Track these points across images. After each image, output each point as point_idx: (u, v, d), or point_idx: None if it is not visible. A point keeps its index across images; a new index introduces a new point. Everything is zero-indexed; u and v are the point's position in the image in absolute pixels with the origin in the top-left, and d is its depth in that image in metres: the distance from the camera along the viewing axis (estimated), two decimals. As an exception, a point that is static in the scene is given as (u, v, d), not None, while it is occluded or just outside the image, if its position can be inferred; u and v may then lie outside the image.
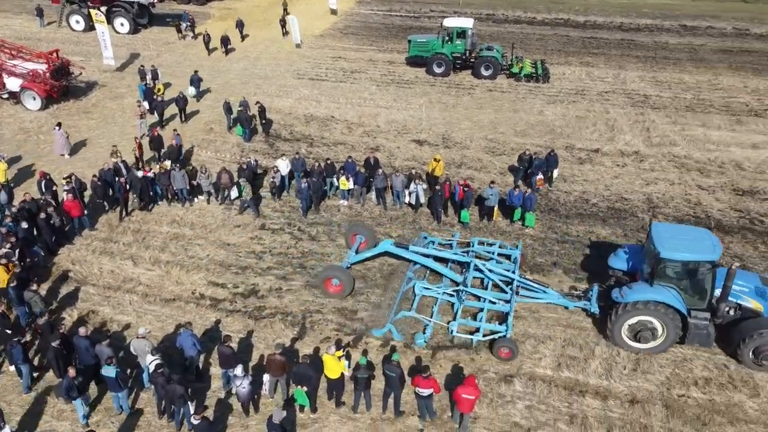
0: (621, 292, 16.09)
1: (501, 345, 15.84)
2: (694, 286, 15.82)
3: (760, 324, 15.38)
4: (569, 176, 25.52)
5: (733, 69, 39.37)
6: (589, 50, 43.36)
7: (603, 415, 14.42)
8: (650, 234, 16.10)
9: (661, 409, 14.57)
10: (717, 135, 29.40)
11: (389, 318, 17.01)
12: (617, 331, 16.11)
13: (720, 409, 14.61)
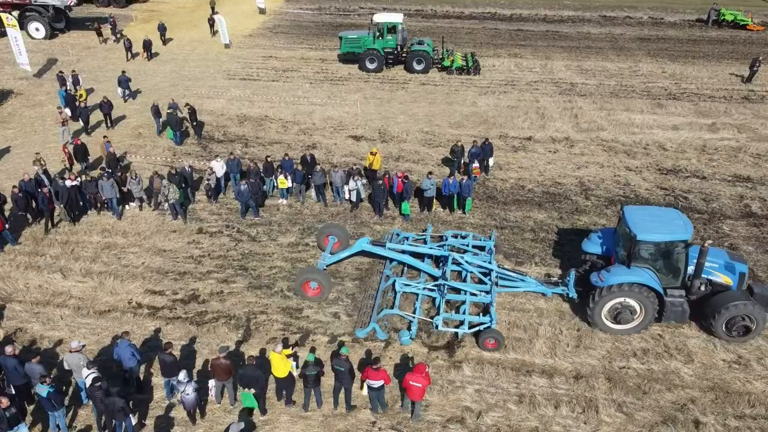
0: (600, 276, 16.22)
1: (487, 336, 15.80)
2: (668, 265, 16.17)
3: (731, 297, 15.84)
4: (504, 164, 26.04)
5: (651, 56, 41.28)
6: (516, 42, 44.45)
7: (550, 392, 14.74)
8: (624, 217, 16.33)
9: (604, 381, 15.03)
10: (640, 118, 30.70)
11: (372, 317, 16.67)
12: (597, 314, 16.28)
13: (658, 377, 15.21)
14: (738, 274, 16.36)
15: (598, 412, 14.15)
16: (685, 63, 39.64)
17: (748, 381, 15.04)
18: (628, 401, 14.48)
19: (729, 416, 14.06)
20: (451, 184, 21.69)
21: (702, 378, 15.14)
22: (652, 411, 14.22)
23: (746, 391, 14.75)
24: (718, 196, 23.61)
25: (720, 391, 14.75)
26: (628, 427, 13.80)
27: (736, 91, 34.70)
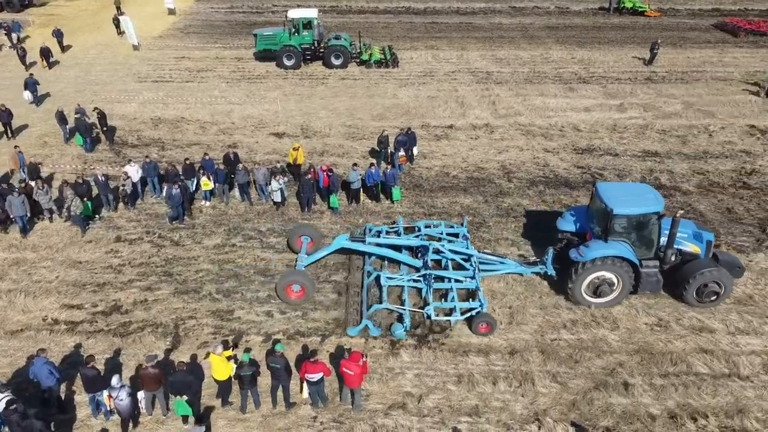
0: (579, 251, 16.43)
1: (479, 320, 15.81)
2: (642, 237, 16.60)
3: (701, 265, 16.51)
4: (428, 153, 26.28)
5: (560, 43, 42.87)
6: (432, 35, 45.02)
7: (487, 370, 14.96)
8: (597, 194, 16.75)
9: (537, 355, 15.41)
10: (554, 102, 31.82)
11: (363, 314, 16.25)
12: (578, 290, 16.61)
13: (588, 345, 15.75)
14: (705, 243, 17.07)
15: (534, 384, 14.49)
16: (591, 49, 41.41)
17: (669, 341, 15.82)
18: (562, 371, 14.91)
19: (654, 375, 14.74)
20: (374, 174, 21.65)
21: (628, 342, 15.80)
22: (584, 378, 14.71)
23: (668, 350, 15.52)
24: (630, 171, 24.78)
25: (645, 353, 15.45)
26: (563, 396, 14.20)
27: (640, 73, 36.59)
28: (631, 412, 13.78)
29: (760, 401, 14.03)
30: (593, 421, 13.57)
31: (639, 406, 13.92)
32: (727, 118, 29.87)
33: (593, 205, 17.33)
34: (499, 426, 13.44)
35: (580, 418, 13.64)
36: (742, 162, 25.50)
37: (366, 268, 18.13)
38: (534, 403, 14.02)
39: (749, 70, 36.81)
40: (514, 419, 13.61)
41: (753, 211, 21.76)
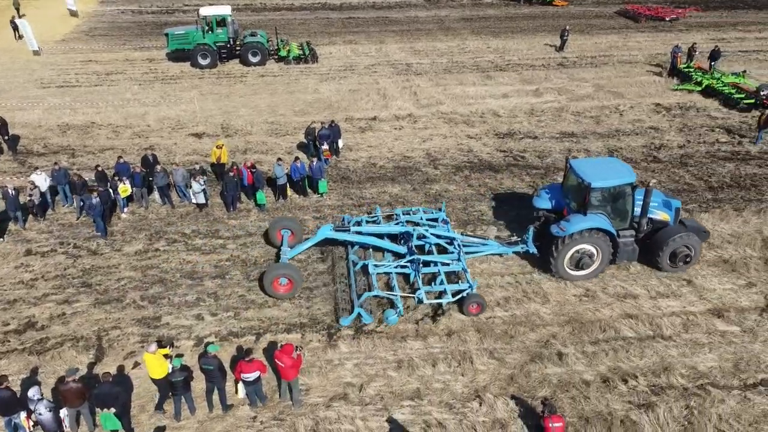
0: (560, 226, 16.69)
1: (470, 301, 15.87)
2: (618, 208, 17.07)
3: (672, 231, 17.24)
4: (354, 145, 26.13)
5: (476, 34, 43.81)
6: (349, 29, 44.93)
7: (426, 353, 14.97)
8: (572, 170, 17.09)
9: (474, 334, 15.56)
10: (473, 90, 32.42)
11: (355, 303, 15.99)
12: (561, 264, 16.97)
13: (521, 320, 16.07)
14: (674, 210, 17.73)
15: (473, 362, 14.62)
16: (505, 38, 42.54)
17: (597, 310, 16.39)
18: (498, 347, 15.13)
19: (586, 343, 15.22)
20: (299, 168, 21.29)
21: (559, 314, 16.25)
22: (520, 352, 14.99)
23: (596, 318, 16.07)
24: (550, 152, 25.57)
25: (575, 323, 15.93)
26: (501, 371, 14.42)
27: (552, 59, 37.90)
28: (566, 380, 14.16)
29: (683, 358, 14.75)
30: (531, 392, 13.84)
31: (573, 374, 14.32)
32: (635, 97, 31.40)
33: (568, 181, 17.71)
34: (441, 407, 13.47)
35: (519, 390, 13.87)
36: (651, 138, 26.86)
37: (350, 257, 17.89)
38: (474, 381, 14.15)
39: (651, 53, 38.90)
40: (456, 398, 13.68)
41: (664, 183, 22.93)
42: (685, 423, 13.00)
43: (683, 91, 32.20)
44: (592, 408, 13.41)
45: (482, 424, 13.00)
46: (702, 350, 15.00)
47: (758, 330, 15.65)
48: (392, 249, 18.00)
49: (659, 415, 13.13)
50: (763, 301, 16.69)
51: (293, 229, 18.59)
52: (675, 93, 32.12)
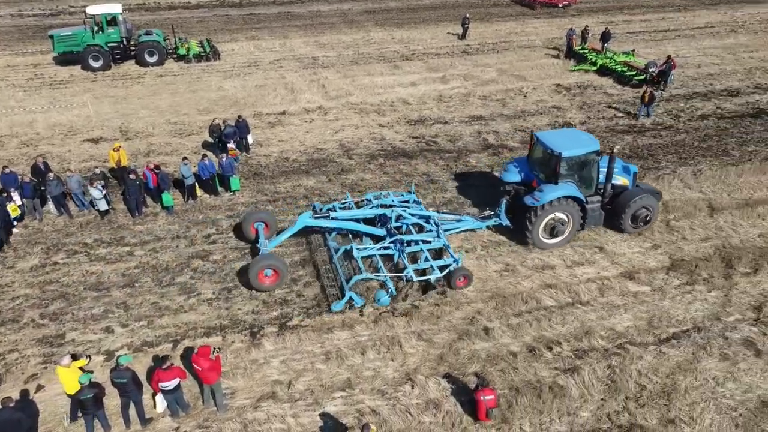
0: (534, 196, 17.07)
1: (457, 275, 16.07)
2: (585, 175, 17.63)
3: (632, 194, 18.00)
4: (264, 140, 25.37)
5: (380, 25, 43.88)
6: (251, 26, 43.78)
7: (354, 342, 14.64)
8: (540, 142, 17.56)
9: (401, 318, 15.39)
10: (381, 80, 32.38)
11: (345, 287, 15.73)
12: (536, 233, 17.43)
13: (447, 300, 16.02)
14: (632, 174, 18.53)
15: (401, 346, 14.44)
16: (409, 29, 42.89)
17: (518, 283, 16.66)
18: (426, 329, 15.04)
19: (510, 316, 15.43)
20: (208, 166, 20.36)
21: (482, 291, 16.38)
22: (448, 331, 14.97)
23: (518, 291, 16.34)
24: (461, 135, 25.91)
25: (498, 297, 16.12)
26: (430, 352, 14.33)
27: (456, 47, 38.57)
28: (494, 353, 14.27)
29: (602, 321, 15.27)
30: (462, 369, 13.84)
31: (501, 347, 14.46)
32: (537, 79, 32.47)
33: (535, 153, 18.17)
34: (373, 394, 13.19)
35: (450, 369, 13.84)
36: (555, 116, 27.83)
37: (330, 244, 17.66)
38: (404, 365, 13.98)
39: (548, 37, 40.44)
40: (388, 384, 13.45)
41: (570, 158, 23.76)
42: (609, 382, 13.42)
43: (580, 72, 33.65)
44: (521, 378, 13.58)
45: (416, 406, 12.85)
46: (618, 312, 15.59)
47: (666, 288, 16.46)
48: (372, 232, 17.74)
49: (584, 378, 13.48)
50: (668, 261, 17.59)
51: (267, 221, 17.95)
52: (573, 73, 33.49)
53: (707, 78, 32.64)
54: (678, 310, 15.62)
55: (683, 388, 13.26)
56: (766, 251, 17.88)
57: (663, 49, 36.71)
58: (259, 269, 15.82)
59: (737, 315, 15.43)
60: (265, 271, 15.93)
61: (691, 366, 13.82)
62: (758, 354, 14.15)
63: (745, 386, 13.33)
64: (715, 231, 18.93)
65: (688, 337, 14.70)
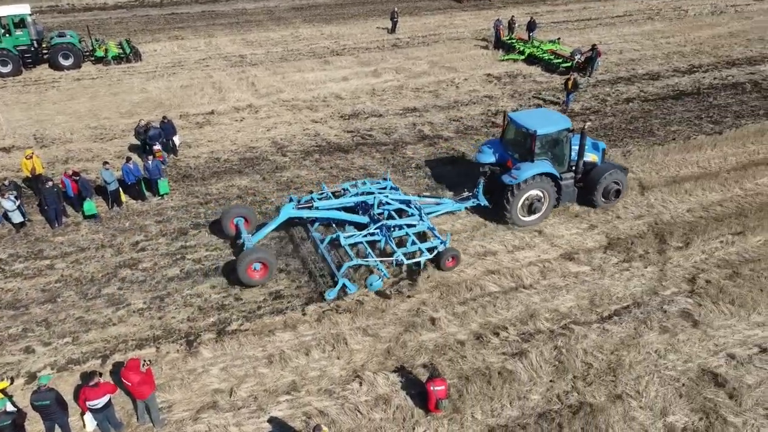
0: (512, 175, 17.37)
1: (446, 255, 16.15)
2: (558, 153, 18.08)
3: (602, 170, 18.65)
4: (193, 141, 24.31)
5: (308, 22, 43.17)
6: (173, 26, 42.20)
7: (297, 342, 14.06)
8: (514, 122, 18.00)
9: (344, 315, 14.92)
10: (313, 76, 31.76)
11: (337, 275, 15.55)
12: (515, 211, 17.74)
13: (391, 293, 15.71)
14: (601, 151, 19.16)
15: (347, 343, 13.98)
16: (338, 24, 42.39)
17: (461, 271, 16.49)
18: (371, 323, 14.64)
19: (455, 305, 15.24)
20: (133, 170, 19.25)
21: (425, 282, 16.11)
22: (394, 324, 14.62)
23: (462, 279, 16.18)
24: (396, 128, 25.65)
25: (443, 287, 15.90)
26: (377, 347, 13.94)
27: (386, 41, 38.36)
28: (442, 343, 14.02)
29: (545, 303, 15.30)
30: (410, 362, 13.52)
31: (448, 336, 14.24)
32: (468, 70, 32.65)
33: (509, 134, 18.60)
34: (320, 394, 12.68)
35: (398, 362, 13.49)
36: (488, 105, 28.01)
37: (314, 235, 17.40)
38: (351, 362, 13.53)
39: (476, 29, 40.85)
40: (335, 383, 12.96)
41: (505, 145, 23.93)
42: (556, 363, 13.41)
43: (509, 61, 34.10)
44: (470, 366, 13.39)
45: (365, 403, 12.42)
46: (560, 293, 15.67)
47: (605, 266, 16.70)
48: (355, 220, 17.56)
49: (532, 361, 13.42)
50: (605, 240, 17.88)
51: (246, 215, 17.52)
52: (502, 63, 33.89)
53: (629, 63, 33.74)
54: (618, 288, 15.85)
55: (628, 363, 13.41)
56: (695, 225, 18.46)
57: (587, 37, 37.74)
58: (247, 264, 15.35)
59: (673, 288, 15.81)
60: (253, 265, 15.47)
61: (634, 341, 14.01)
62: (695, 324, 14.51)
63: (686, 356, 13.62)
64: (647, 209, 19.41)
65: (628, 313, 14.92)
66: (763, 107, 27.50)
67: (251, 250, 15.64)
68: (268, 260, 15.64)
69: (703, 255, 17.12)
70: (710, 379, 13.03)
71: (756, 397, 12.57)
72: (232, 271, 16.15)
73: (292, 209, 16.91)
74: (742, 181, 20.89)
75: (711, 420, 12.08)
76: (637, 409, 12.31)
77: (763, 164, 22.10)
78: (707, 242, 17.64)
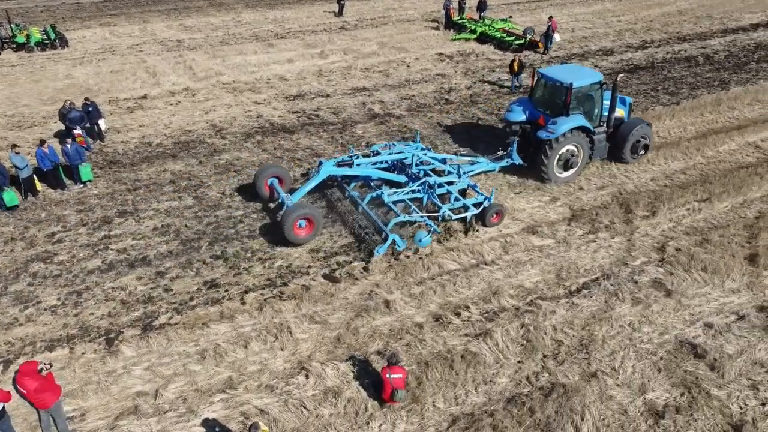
0: (548, 130, 16.97)
1: (491, 211, 15.72)
2: (591, 107, 17.80)
3: (631, 125, 18.42)
4: (122, 126, 22.24)
5: (251, 7, 41.23)
6: (106, 12, 39.70)
7: (235, 335, 12.42)
8: (547, 77, 17.77)
9: (289, 302, 13.35)
10: (255, 59, 29.94)
11: (385, 230, 14.91)
12: (551, 167, 17.45)
13: (343, 277, 14.24)
14: (628, 106, 18.96)
15: (291, 333, 12.39)
16: (283, 8, 40.61)
17: (416, 256, 15.08)
18: (319, 310, 13.10)
19: (411, 285, 13.83)
20: (48, 154, 17.18)
21: (378, 262, 14.66)
22: (344, 309, 13.12)
23: (417, 258, 14.79)
24: (344, 107, 24.13)
25: (397, 267, 14.49)
26: (325, 335, 12.41)
27: (333, 23, 36.81)
28: (398, 327, 12.60)
29: (509, 279, 14.05)
30: (363, 349, 12.04)
31: (404, 319, 12.82)
32: (419, 50, 31.37)
33: (540, 90, 18.26)
34: (260, 391, 11.06)
35: (349, 350, 12.00)
36: (440, 84, 26.77)
37: (352, 194, 16.80)
38: (296, 353, 11.96)
39: (426, 11, 39.71)
40: (277, 377, 11.37)
41: (458, 121, 22.73)
42: (524, 342, 12.15)
43: (461, 41, 32.99)
44: (430, 350, 12.00)
45: (312, 398, 10.88)
46: (525, 267, 14.46)
47: (570, 239, 15.59)
48: (394, 179, 16.92)
49: (498, 341, 12.13)
50: (568, 212, 16.80)
51: (280, 174, 16.80)
52: (454, 43, 32.76)
53: (582, 41, 33.08)
54: (585, 260, 14.75)
55: (600, 338, 12.26)
56: (659, 194, 17.58)
57: (538, 17, 37.02)
58: (293, 221, 14.65)
59: (643, 258, 14.81)
60: (298, 222, 14.82)
61: (606, 314, 12.89)
62: (668, 294, 13.50)
63: (661, 328, 12.57)
64: (610, 179, 18.46)
65: (598, 285, 13.81)
66: (716, 78, 27.12)
67: (296, 206, 14.82)
68: (314, 215, 15.00)
69: (670, 223, 16.20)
70: (689, 350, 11.99)
71: (738, 367, 11.58)
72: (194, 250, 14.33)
73: (332, 166, 16.26)
74: (703, 149, 20.18)
75: (693, 394, 11.02)
76: (614, 388, 11.15)
77: (722, 132, 21.50)
78: (674, 210, 16.76)
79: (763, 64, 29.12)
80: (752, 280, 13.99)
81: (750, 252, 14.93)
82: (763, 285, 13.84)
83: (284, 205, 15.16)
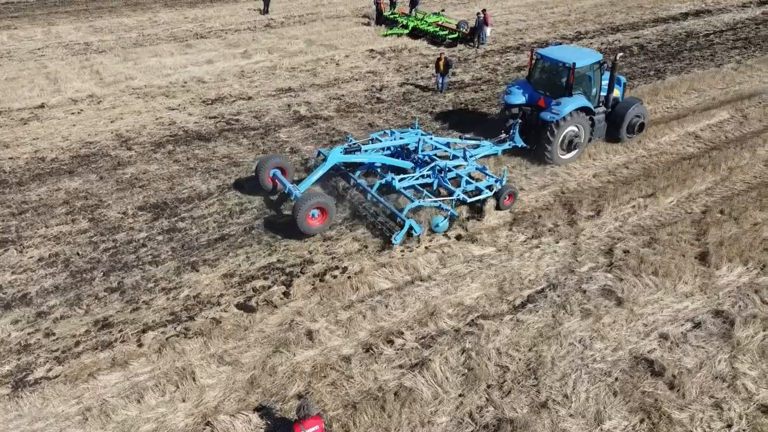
0: (552, 111, 16.73)
1: (504, 193, 15.40)
2: (590, 87, 17.58)
3: (627, 104, 18.46)
4: (12, 140, 19.70)
5: (169, 6, 38.60)
6: (5, 15, 36.24)
7: (127, 385, 10.43)
8: (548, 58, 17.47)
9: (193, 341, 11.46)
10: (171, 61, 27.60)
11: (401, 216, 14.31)
12: (555, 148, 17.18)
13: (253, 305, 12.44)
14: (622, 86, 18.97)
15: (195, 378, 10.54)
16: (204, 7, 38.13)
17: (344, 275, 13.46)
18: (231, 348, 11.28)
19: (338, 310, 12.19)
20: None
21: (299, 286, 12.94)
22: (260, 345, 11.35)
23: (344, 278, 13.17)
24: (268, 110, 22.25)
25: (322, 289, 12.83)
26: (236, 378, 10.61)
27: (258, 21, 34.72)
28: (322, 363, 10.92)
29: (447, 296, 12.61)
30: (281, 393, 10.32)
31: (330, 353, 11.16)
32: (349, 47, 29.71)
33: (540, 71, 17.92)
34: (154, 457, 9.20)
35: (265, 395, 10.25)
36: (371, 81, 25.22)
37: (360, 183, 16.07)
38: (200, 404, 10.11)
39: (356, 6, 38.04)
40: (177, 437, 9.53)
41: (391, 121, 21.26)
42: (465, 371, 10.70)
43: (393, 36, 31.51)
44: (358, 389, 10.38)
45: (217, 462, 9.09)
46: (464, 282, 13.05)
47: (512, 246, 14.30)
48: (401, 165, 16.45)
49: (436, 372, 10.63)
50: (509, 216, 15.52)
51: (282, 165, 15.97)
52: (386, 39, 31.25)
53: (516, 33, 32.20)
54: (529, 269, 13.47)
55: (549, 359, 10.95)
56: (603, 191, 16.56)
57: (470, 11, 35.88)
58: (306, 211, 13.96)
59: (590, 263, 13.65)
60: (311, 212, 14.20)
61: (554, 331, 11.61)
62: (619, 302, 12.34)
63: (614, 343, 11.37)
64: (551, 177, 17.34)
65: (544, 297, 12.53)
66: (652, 68, 26.62)
67: (307, 196, 14.15)
68: (327, 204, 14.37)
69: (616, 222, 15.15)
70: (645, 367, 10.82)
71: (699, 384, 10.47)
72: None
73: (339, 153, 15.63)
74: (644, 140, 19.34)
75: (654, 420, 9.82)
76: (567, 419, 9.83)
77: (661, 123, 20.78)
78: (619, 208, 15.74)
79: (695, 52, 28.89)
80: (704, 281, 13.02)
81: (700, 250, 14.00)
82: (716, 286, 12.89)
83: (292, 195, 14.45)
